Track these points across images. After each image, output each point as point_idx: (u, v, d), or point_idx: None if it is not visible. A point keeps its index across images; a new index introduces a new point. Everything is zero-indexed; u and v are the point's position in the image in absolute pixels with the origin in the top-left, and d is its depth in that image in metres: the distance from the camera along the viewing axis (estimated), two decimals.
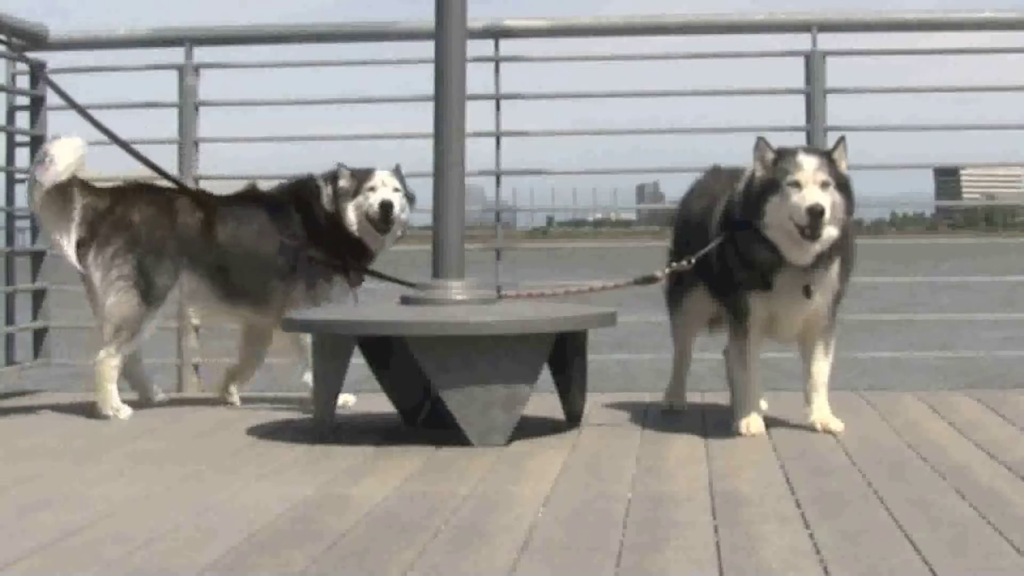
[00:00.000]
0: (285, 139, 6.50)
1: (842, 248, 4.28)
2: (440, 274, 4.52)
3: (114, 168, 5.41)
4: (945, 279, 7.92)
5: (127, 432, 4.64)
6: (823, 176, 4.16)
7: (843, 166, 4.25)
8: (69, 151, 4.85)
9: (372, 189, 5.05)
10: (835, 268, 4.31)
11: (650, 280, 4.66)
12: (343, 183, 5.07)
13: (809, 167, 4.17)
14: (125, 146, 5.02)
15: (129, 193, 5.02)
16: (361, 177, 5.07)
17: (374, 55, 6.32)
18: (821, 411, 4.40)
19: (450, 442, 4.11)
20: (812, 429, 4.37)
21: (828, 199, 4.14)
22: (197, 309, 5.30)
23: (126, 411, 4.92)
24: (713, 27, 6.13)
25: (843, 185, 4.22)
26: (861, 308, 6.26)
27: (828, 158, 4.23)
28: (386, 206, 5.01)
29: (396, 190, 5.07)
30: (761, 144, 4.25)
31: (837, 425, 4.37)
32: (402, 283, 4.73)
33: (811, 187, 4.14)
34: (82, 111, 5.03)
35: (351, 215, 5.05)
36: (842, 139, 4.30)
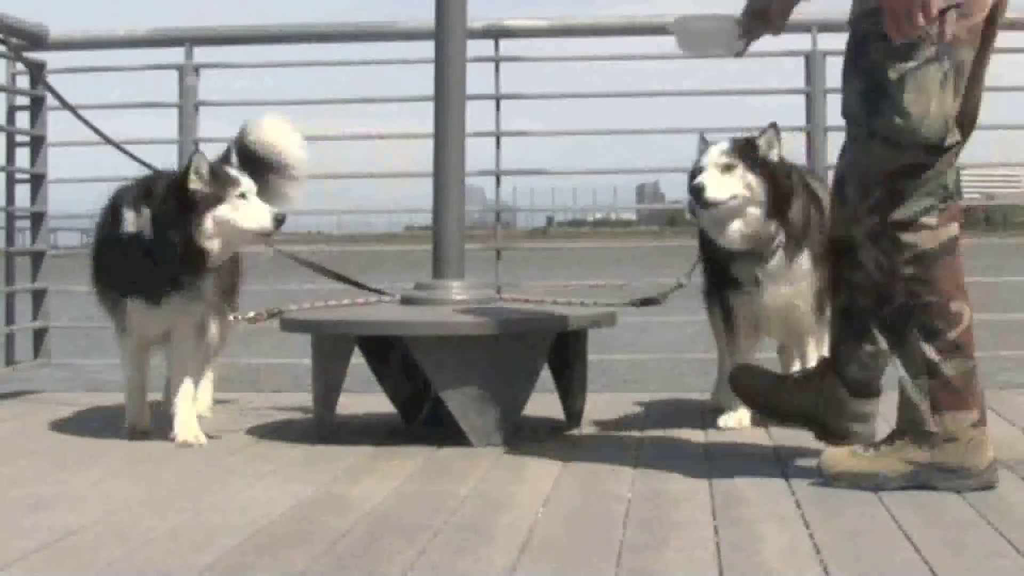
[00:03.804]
0: None
1: (810, 238, 4.29)
2: (440, 274, 4.52)
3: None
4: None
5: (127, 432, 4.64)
6: (726, 160, 4.24)
7: (773, 153, 4.28)
8: None
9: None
10: (804, 259, 4.31)
11: (651, 302, 4.71)
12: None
13: (713, 152, 4.27)
14: (120, 148, 4.99)
15: None
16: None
17: (374, 55, 6.32)
18: None
19: (450, 442, 4.11)
20: None
21: (727, 181, 4.21)
22: None
23: None
24: None
25: (768, 170, 4.26)
26: None
27: (746, 144, 4.29)
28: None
29: None
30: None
31: None
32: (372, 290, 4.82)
33: (710, 170, 4.24)
34: (77, 114, 5.01)
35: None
36: (772, 125, 4.33)
